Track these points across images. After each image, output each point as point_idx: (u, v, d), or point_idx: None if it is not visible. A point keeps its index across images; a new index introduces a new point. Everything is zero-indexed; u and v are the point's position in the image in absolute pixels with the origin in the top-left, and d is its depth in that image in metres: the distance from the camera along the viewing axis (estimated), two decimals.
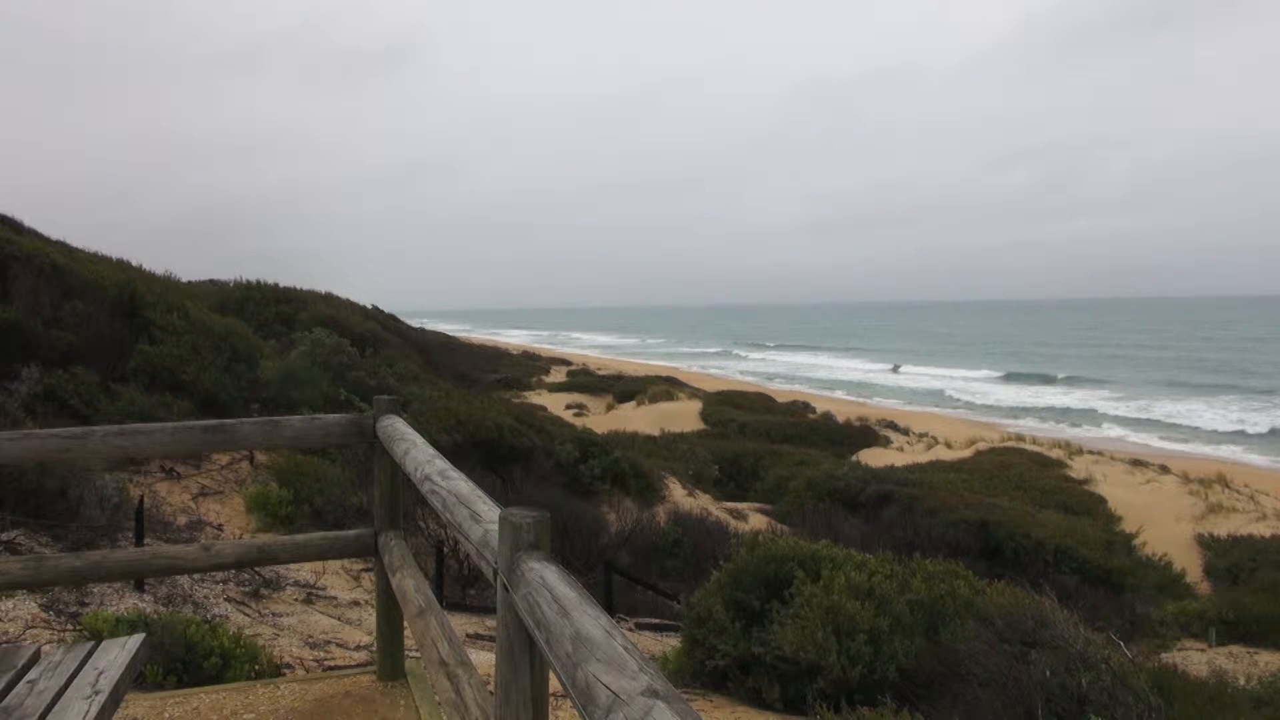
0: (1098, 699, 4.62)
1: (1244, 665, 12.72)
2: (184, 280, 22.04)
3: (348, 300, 31.62)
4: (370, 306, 34.41)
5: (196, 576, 6.71)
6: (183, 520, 8.46)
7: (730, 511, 17.29)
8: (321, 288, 29.44)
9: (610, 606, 9.15)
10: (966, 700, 4.97)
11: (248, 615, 6.41)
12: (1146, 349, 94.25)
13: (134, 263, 18.80)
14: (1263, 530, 21.40)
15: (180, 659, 4.48)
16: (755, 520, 17.06)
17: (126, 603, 5.84)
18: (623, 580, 10.00)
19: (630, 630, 8.67)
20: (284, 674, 4.86)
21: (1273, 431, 42.86)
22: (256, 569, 7.22)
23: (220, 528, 8.75)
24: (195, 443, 4.02)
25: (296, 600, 7.22)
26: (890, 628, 5.64)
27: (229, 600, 6.66)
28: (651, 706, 1.25)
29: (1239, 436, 42.63)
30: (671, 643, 7.41)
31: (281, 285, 26.21)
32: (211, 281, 26.82)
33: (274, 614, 6.66)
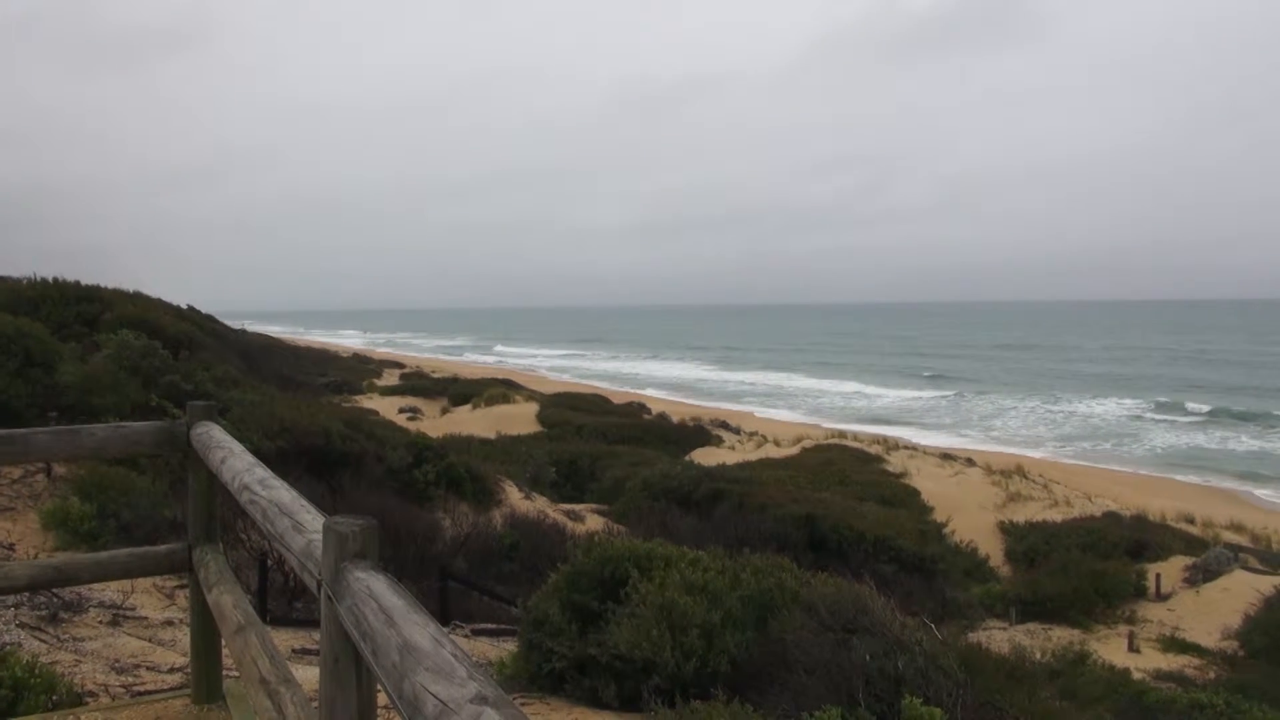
0: (913, 679, 4.92)
1: (1040, 640, 13.89)
2: None
3: (159, 300, 29.53)
4: (185, 307, 32.34)
5: None
6: None
7: (567, 513, 17.31)
8: (123, 286, 27.35)
9: (445, 614, 8.99)
10: (794, 687, 5.18)
11: (44, 641, 5.90)
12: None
13: None
14: (1055, 516, 23.40)
15: None
16: (592, 521, 17.15)
17: None
18: (459, 587, 9.84)
19: (466, 637, 8.55)
20: (86, 703, 4.50)
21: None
22: (54, 591, 6.65)
23: (11, 548, 8.02)
24: None
25: (101, 623, 6.71)
26: (722, 621, 5.80)
27: (21, 626, 6.10)
28: (480, 714, 1.24)
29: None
30: (509, 647, 7.35)
31: (84, 284, 24.21)
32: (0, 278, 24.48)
33: (75, 639, 6.16)
